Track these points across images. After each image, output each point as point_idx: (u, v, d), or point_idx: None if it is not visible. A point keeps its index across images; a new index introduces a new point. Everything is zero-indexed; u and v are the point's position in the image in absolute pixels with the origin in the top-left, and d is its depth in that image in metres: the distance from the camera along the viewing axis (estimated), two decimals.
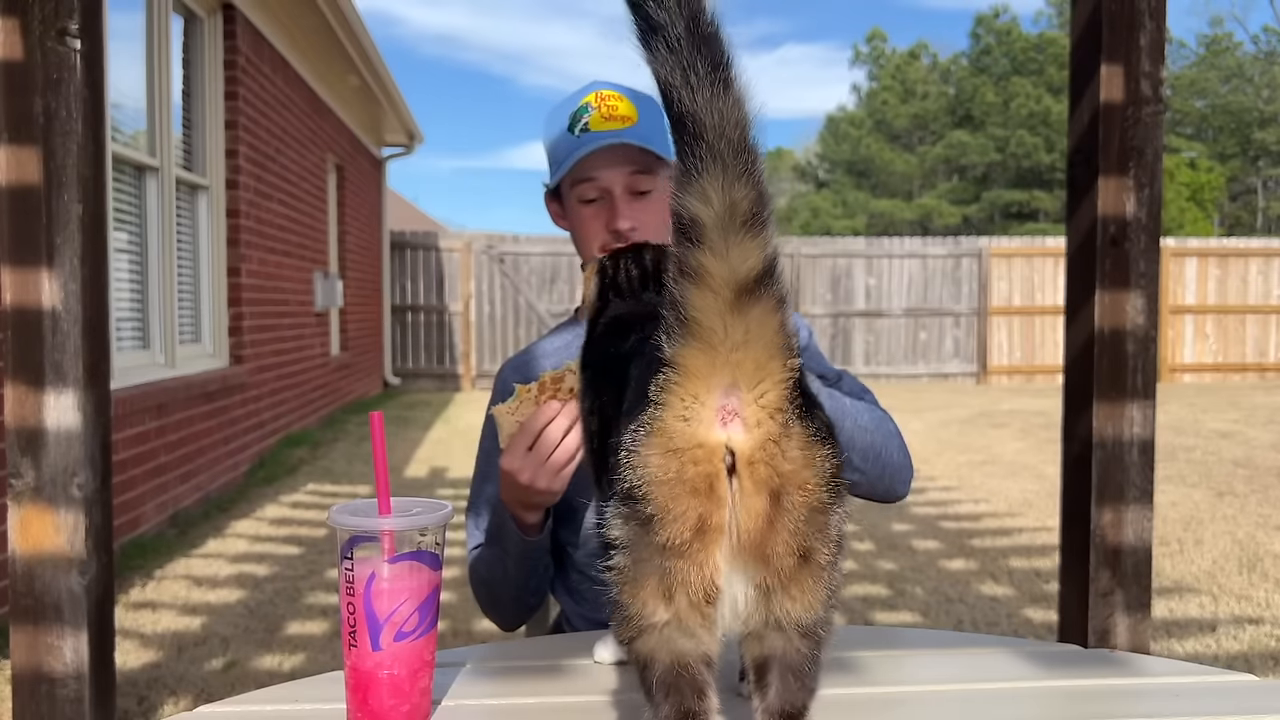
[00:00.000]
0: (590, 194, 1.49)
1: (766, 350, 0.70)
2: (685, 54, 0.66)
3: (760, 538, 0.72)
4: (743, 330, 0.69)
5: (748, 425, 0.71)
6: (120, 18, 5.33)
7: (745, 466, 0.71)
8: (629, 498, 0.74)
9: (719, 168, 0.66)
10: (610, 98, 1.48)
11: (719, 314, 0.68)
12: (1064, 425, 1.54)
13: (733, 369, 0.70)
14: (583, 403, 1.07)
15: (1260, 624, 3.78)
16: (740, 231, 0.67)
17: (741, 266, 0.67)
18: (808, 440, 0.73)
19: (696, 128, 0.66)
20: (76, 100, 1.28)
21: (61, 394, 1.27)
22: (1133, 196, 1.45)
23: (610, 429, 0.90)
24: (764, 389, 0.71)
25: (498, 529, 1.43)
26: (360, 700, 0.96)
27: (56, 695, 1.27)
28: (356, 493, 6.28)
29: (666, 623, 0.75)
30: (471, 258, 13.48)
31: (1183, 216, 27.68)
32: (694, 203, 0.67)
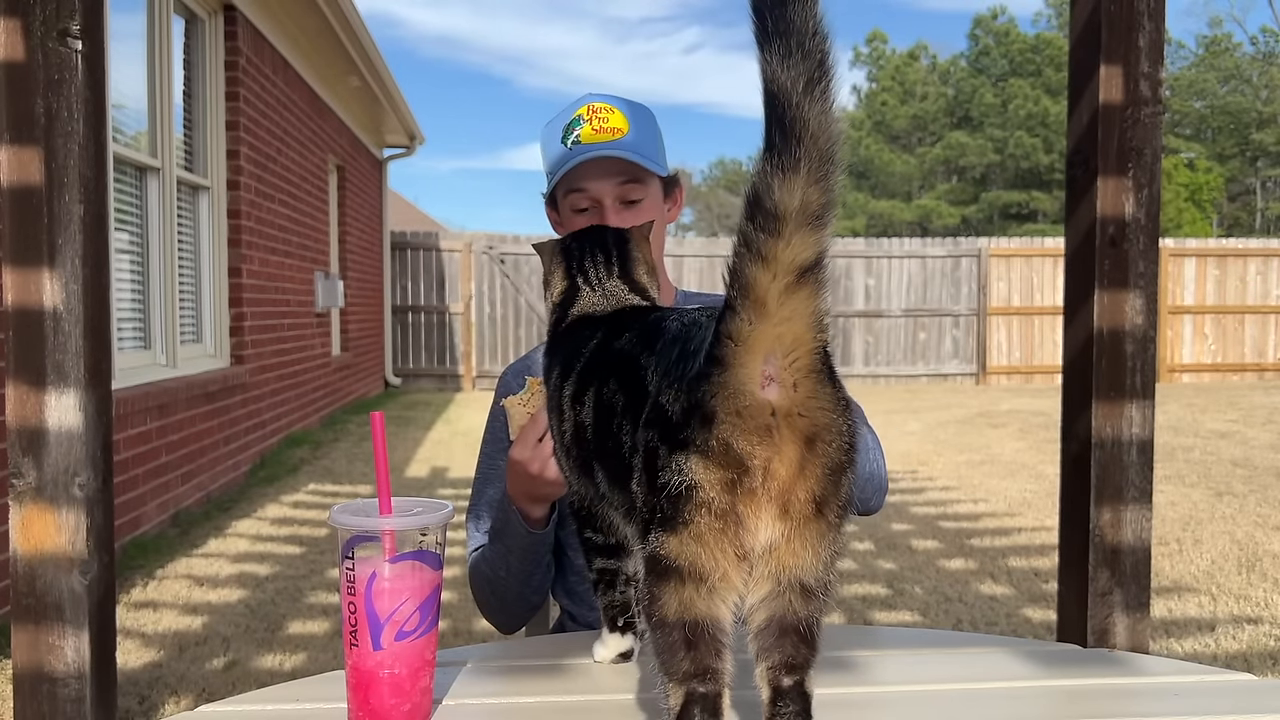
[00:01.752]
0: (582, 204, 1.54)
1: (805, 325, 0.79)
2: (808, 62, 0.71)
3: (789, 485, 0.81)
4: (790, 308, 0.77)
5: (783, 385, 0.80)
6: (121, 19, 5.33)
7: (784, 419, 0.80)
8: (697, 458, 0.81)
9: (807, 169, 0.73)
10: (602, 110, 1.53)
11: (776, 293, 0.76)
12: (1063, 425, 1.54)
13: (776, 339, 0.78)
14: (559, 392, 1.08)
15: (1259, 623, 3.79)
16: (807, 226, 0.74)
17: (800, 255, 0.75)
18: (835, 400, 0.83)
19: (800, 131, 0.72)
20: (78, 101, 1.28)
21: (63, 394, 1.28)
22: (1131, 197, 1.45)
23: (610, 416, 0.95)
24: (796, 355, 0.80)
25: (502, 525, 1.44)
26: (361, 699, 0.97)
27: (58, 695, 1.28)
28: (357, 493, 6.29)
29: (707, 580, 0.82)
30: (472, 258, 13.48)
31: (1181, 217, 27.68)
32: (781, 195, 0.73)
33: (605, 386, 0.99)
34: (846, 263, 13.99)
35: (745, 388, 0.79)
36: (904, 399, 12.19)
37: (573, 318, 1.17)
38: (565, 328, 1.17)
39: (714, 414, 0.80)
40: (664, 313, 1.06)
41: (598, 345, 1.06)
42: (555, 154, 1.54)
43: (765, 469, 0.80)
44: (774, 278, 0.76)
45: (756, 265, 0.76)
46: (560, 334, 1.17)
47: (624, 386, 0.96)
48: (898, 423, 9.66)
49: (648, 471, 0.85)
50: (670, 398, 0.85)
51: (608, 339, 1.05)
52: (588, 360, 1.05)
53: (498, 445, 1.60)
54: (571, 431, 1.05)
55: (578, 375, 1.05)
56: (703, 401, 0.80)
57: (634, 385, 0.93)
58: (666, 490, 0.82)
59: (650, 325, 1.01)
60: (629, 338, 1.01)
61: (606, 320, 1.12)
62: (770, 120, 0.73)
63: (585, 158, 1.48)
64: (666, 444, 0.83)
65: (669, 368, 0.88)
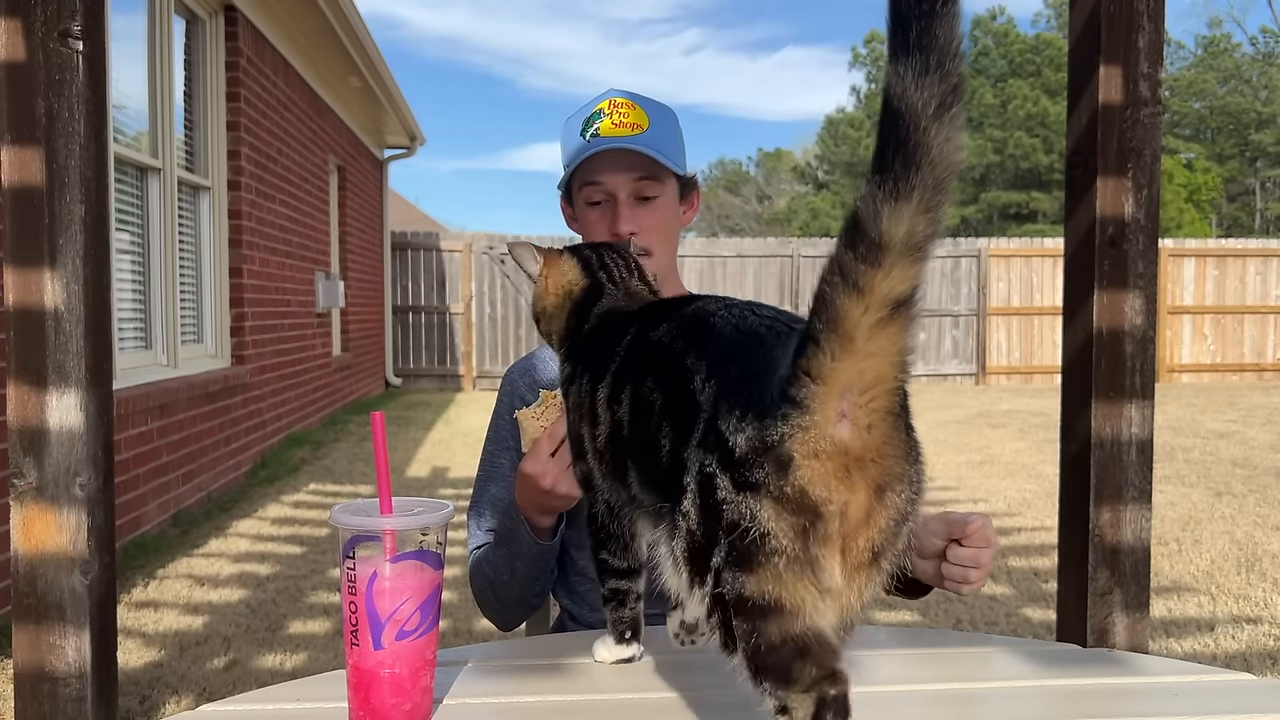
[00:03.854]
0: (596, 197, 1.52)
1: (890, 362, 0.74)
2: (944, 84, 0.66)
3: (851, 531, 0.78)
4: (878, 343, 0.72)
5: (857, 425, 0.76)
6: (122, 19, 5.33)
7: (855, 463, 0.76)
8: (770, 506, 0.77)
9: (920, 198, 0.68)
10: (623, 105, 1.52)
11: (866, 327, 0.71)
12: (1062, 425, 1.54)
13: (858, 375, 0.74)
14: (591, 396, 1.03)
15: (1258, 623, 3.79)
16: (908, 257, 0.70)
17: (898, 288, 0.70)
18: (908, 447, 0.80)
19: (921, 157, 0.67)
20: (79, 101, 1.28)
21: (64, 394, 1.28)
22: (1131, 197, 1.46)
23: (649, 415, 0.91)
24: (875, 394, 0.75)
25: (509, 532, 1.43)
26: (362, 699, 0.97)
27: (59, 694, 1.28)
28: (358, 492, 6.29)
29: (798, 612, 0.78)
30: (472, 258, 13.48)
31: (1181, 217, 27.67)
32: (889, 224, 0.68)
33: (645, 383, 0.94)
34: None
35: (825, 430, 0.75)
36: None
37: (597, 317, 1.13)
38: (591, 329, 1.12)
39: (790, 459, 0.76)
40: (706, 303, 0.99)
41: (634, 340, 1.01)
42: (573, 146, 1.53)
43: (841, 513, 0.77)
44: (866, 310, 0.71)
45: (850, 297, 0.70)
46: (585, 335, 1.12)
47: (666, 385, 0.91)
48: None
49: (704, 498, 0.81)
50: (733, 425, 0.79)
51: (645, 331, 0.99)
52: (625, 357, 0.99)
53: (501, 444, 1.60)
54: (607, 434, 0.99)
55: (614, 375, 0.99)
56: (778, 445, 0.76)
57: (679, 385, 0.88)
58: (736, 530, 0.78)
59: (694, 318, 0.96)
60: (670, 329, 0.95)
61: (640, 314, 1.06)
62: (888, 141, 0.67)
63: (602, 148, 1.47)
64: (731, 479, 0.79)
65: (729, 387, 0.82)
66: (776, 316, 0.91)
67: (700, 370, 0.87)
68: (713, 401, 0.83)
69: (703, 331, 0.92)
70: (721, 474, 0.79)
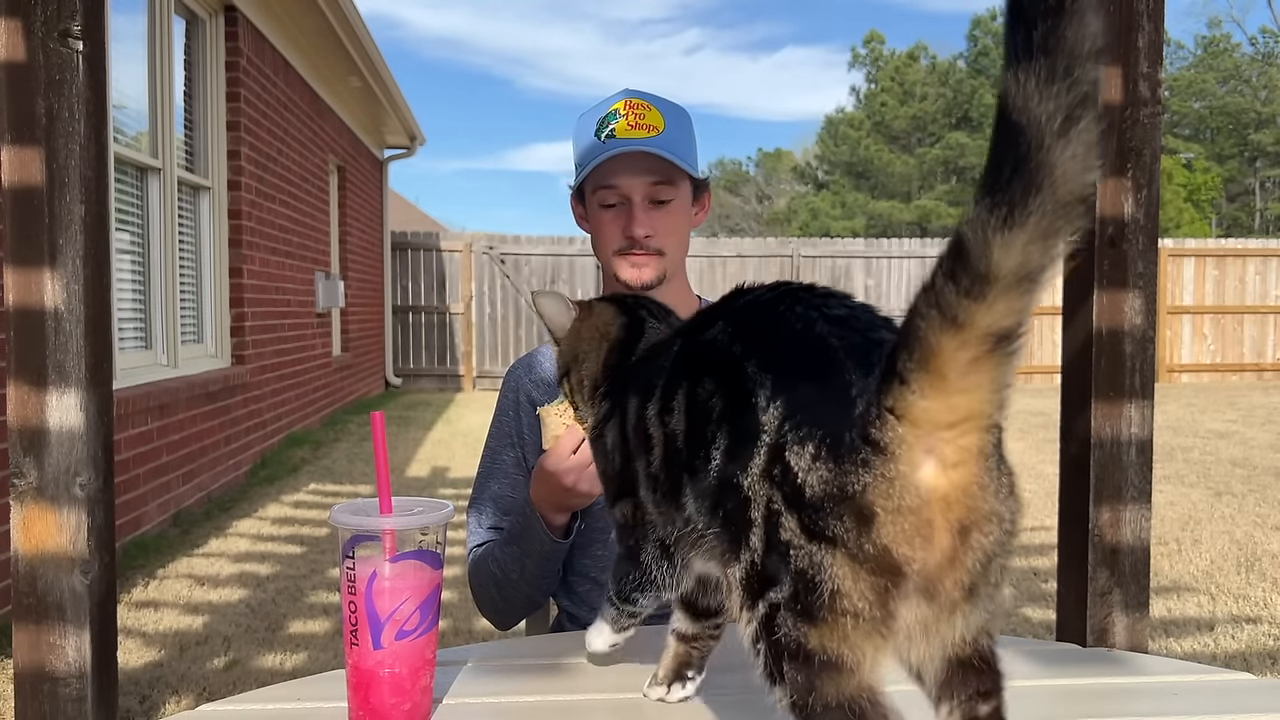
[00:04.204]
0: (610, 199, 1.51)
1: (985, 400, 0.67)
2: (1072, 94, 0.57)
3: (936, 576, 0.71)
4: (973, 380, 0.66)
5: (944, 464, 0.69)
6: (122, 19, 5.33)
7: (940, 505, 0.70)
8: (846, 564, 0.70)
9: (1037, 224, 0.60)
10: (639, 106, 1.50)
11: (961, 364, 0.65)
12: (1062, 425, 1.54)
13: (948, 412, 0.67)
14: (641, 418, 0.93)
15: (1258, 623, 3.79)
16: (1017, 289, 0.62)
17: (1002, 322, 0.63)
18: (999, 486, 0.72)
19: (1043, 178, 0.59)
20: (79, 101, 1.28)
21: (64, 394, 1.28)
22: (1131, 197, 1.46)
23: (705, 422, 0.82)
24: (967, 433, 0.69)
25: (521, 530, 1.43)
26: (362, 698, 0.97)
27: (59, 694, 1.28)
28: (358, 492, 6.29)
29: (856, 669, 0.72)
30: (472, 258, 13.48)
31: (1180, 217, 27.67)
32: (998, 253, 0.61)
33: (701, 387, 0.84)
34: (846, 263, 13.99)
35: (911, 479, 0.68)
36: None
37: (643, 350, 1.04)
38: (637, 360, 1.03)
39: (872, 513, 0.69)
40: (766, 295, 0.88)
41: (685, 345, 0.92)
42: (587, 147, 1.51)
43: (921, 569, 0.70)
44: (962, 346, 0.64)
45: (946, 332, 0.63)
46: (630, 368, 1.03)
47: (725, 391, 0.81)
48: None
49: (770, 534, 0.73)
50: (805, 462, 0.71)
51: (699, 332, 0.90)
52: (676, 362, 0.91)
53: (504, 440, 1.59)
54: (661, 453, 0.89)
55: (664, 385, 0.90)
56: (858, 495, 0.69)
57: (739, 395, 0.79)
58: (803, 580, 0.71)
59: (755, 314, 0.86)
60: (728, 328, 0.86)
61: (688, 327, 0.96)
62: (1004, 159, 0.59)
63: (619, 151, 1.46)
64: (801, 522, 0.71)
65: (799, 412, 0.74)
66: (851, 318, 0.81)
67: (764, 383, 0.78)
68: (779, 425, 0.74)
69: (766, 332, 0.83)
70: (789, 513, 0.72)
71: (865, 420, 0.69)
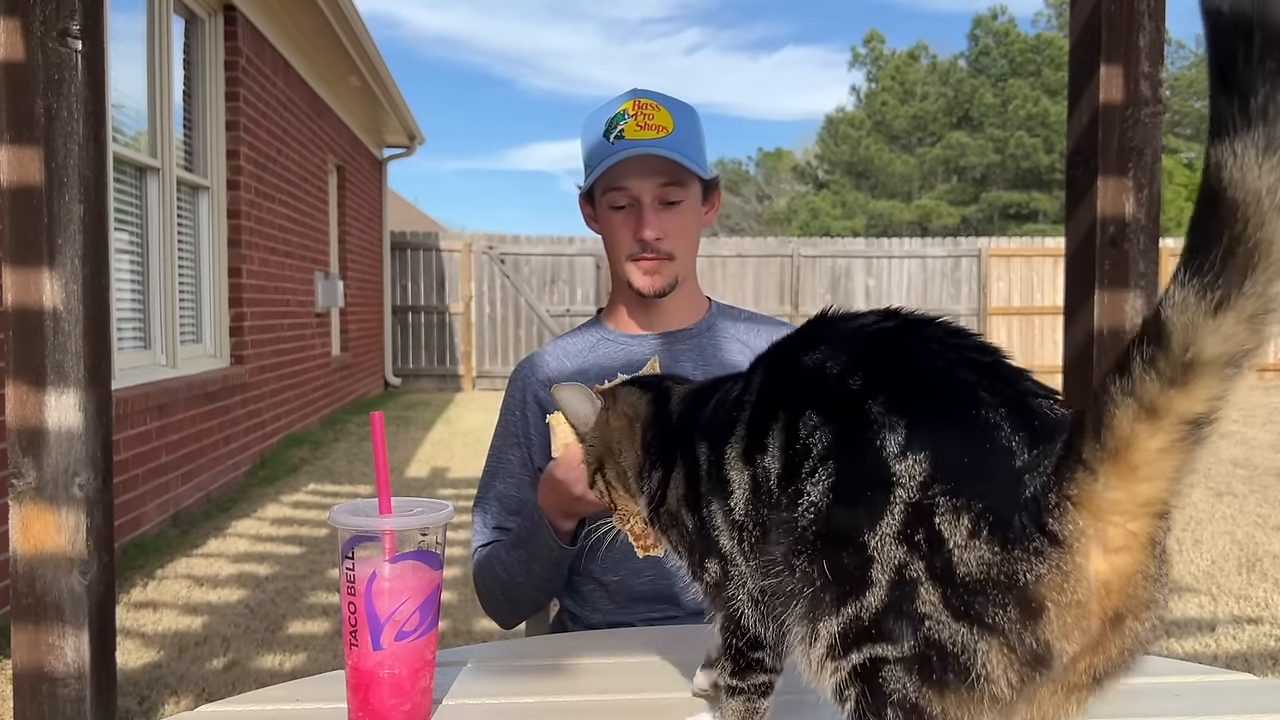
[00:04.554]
0: (620, 201, 1.51)
1: (1165, 488, 0.62)
2: None
3: (1077, 660, 0.67)
4: (1163, 467, 0.61)
5: (1108, 549, 0.65)
6: (121, 19, 5.33)
7: (1101, 590, 0.65)
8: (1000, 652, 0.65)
9: (1252, 306, 0.54)
10: (648, 106, 1.50)
11: (1153, 451, 0.60)
12: None
13: (1132, 501, 0.63)
14: (713, 464, 0.85)
15: (1259, 624, 3.79)
16: (1221, 373, 0.57)
17: (1200, 408, 0.59)
18: (1159, 575, 0.68)
19: (1259, 259, 0.53)
20: (78, 101, 1.28)
21: (63, 394, 1.28)
22: (1132, 197, 1.46)
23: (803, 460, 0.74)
24: (1140, 521, 0.64)
25: (529, 534, 1.43)
26: (361, 699, 0.97)
27: (58, 695, 1.28)
28: (357, 493, 6.28)
29: None
30: (472, 258, 13.48)
31: (1182, 217, 27.70)
32: (1203, 337, 0.56)
33: (800, 420, 0.75)
34: (846, 263, 13.99)
35: (1085, 573, 0.63)
36: None
37: (680, 406, 0.96)
38: (679, 418, 0.95)
39: (1041, 607, 0.64)
40: (878, 326, 0.78)
41: (768, 380, 0.82)
42: (597, 148, 1.51)
43: (1069, 657, 0.66)
44: (1156, 435, 0.60)
45: (1140, 420, 0.59)
46: (674, 428, 0.95)
47: (832, 423, 0.73)
48: None
49: (896, 600, 0.67)
50: (960, 535, 0.65)
51: (783, 365, 0.81)
52: (759, 399, 0.81)
53: (509, 440, 1.59)
54: (747, 496, 0.80)
55: (747, 423, 0.81)
56: (1028, 587, 0.64)
57: (853, 428, 0.71)
58: (939, 651, 0.66)
59: (875, 349, 0.76)
60: (834, 358, 0.76)
61: (768, 359, 0.86)
62: (1214, 237, 0.54)
63: (629, 154, 1.45)
64: (947, 598, 0.66)
65: (950, 469, 0.67)
66: (995, 366, 0.73)
67: (895, 427, 0.70)
68: (923, 482, 0.67)
69: (893, 368, 0.74)
70: (932, 585, 0.66)
71: (1042, 507, 0.64)
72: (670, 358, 1.57)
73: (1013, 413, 0.69)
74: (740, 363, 1.59)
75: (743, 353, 1.60)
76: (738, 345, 1.61)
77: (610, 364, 1.57)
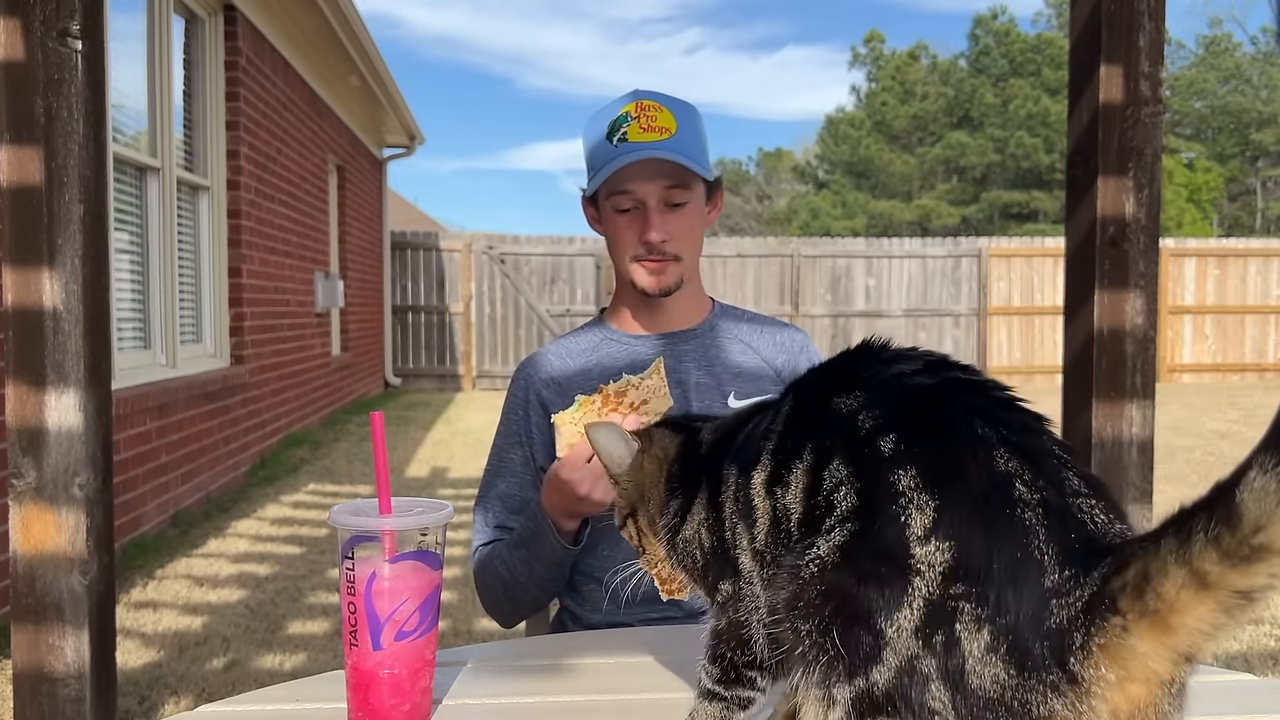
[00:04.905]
0: (625, 204, 1.51)
1: (1203, 645, 0.61)
2: None
3: None
4: (1202, 629, 0.60)
5: (1128, 681, 0.63)
6: (121, 19, 5.33)
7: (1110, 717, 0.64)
8: None
9: None
10: (650, 108, 1.50)
11: (1195, 615, 0.59)
12: (1063, 425, 1.54)
13: (1163, 656, 0.62)
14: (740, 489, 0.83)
15: (1259, 623, 3.79)
16: None
17: (1255, 583, 0.57)
18: (1172, 713, 0.65)
19: None
20: (78, 101, 1.28)
21: (63, 394, 1.28)
22: (1132, 197, 1.46)
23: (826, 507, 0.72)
24: (1162, 660, 0.62)
25: (532, 534, 1.42)
26: (361, 699, 0.97)
27: (58, 695, 1.28)
28: (357, 492, 6.28)
29: None
30: (472, 258, 13.49)
31: (1181, 217, 27.70)
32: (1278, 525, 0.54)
33: (826, 468, 0.72)
34: (847, 263, 14.00)
35: (1100, 712, 0.62)
36: None
37: (707, 441, 0.94)
38: (706, 452, 0.93)
39: None
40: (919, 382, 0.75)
41: (803, 412, 0.80)
42: (600, 151, 1.51)
43: None
44: (1203, 603, 0.58)
45: (1187, 587, 0.58)
46: (699, 462, 0.93)
47: (858, 481, 0.70)
48: None
49: (906, 688, 0.66)
50: (977, 647, 0.63)
51: (820, 398, 0.78)
52: (790, 431, 0.79)
53: (512, 439, 1.59)
54: (768, 530, 0.79)
55: (773, 451, 0.79)
56: (1038, 718, 0.62)
57: (880, 495, 0.68)
58: None
59: (914, 407, 0.73)
60: (871, 408, 0.73)
61: (807, 385, 0.83)
62: None
63: (633, 159, 1.45)
64: (953, 701, 0.64)
65: (974, 572, 0.64)
66: (1037, 457, 0.69)
67: (923, 505, 0.67)
68: (944, 576, 0.65)
69: (930, 435, 0.70)
70: (942, 685, 0.65)
71: (1066, 644, 0.62)
72: (674, 358, 1.57)
73: (1050, 518, 0.66)
74: (743, 364, 1.59)
75: (745, 353, 1.60)
76: (740, 346, 1.61)
77: (614, 364, 1.57)
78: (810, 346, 1.65)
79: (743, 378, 1.58)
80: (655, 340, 1.59)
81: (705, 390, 1.55)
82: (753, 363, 1.60)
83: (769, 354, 1.61)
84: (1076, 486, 0.68)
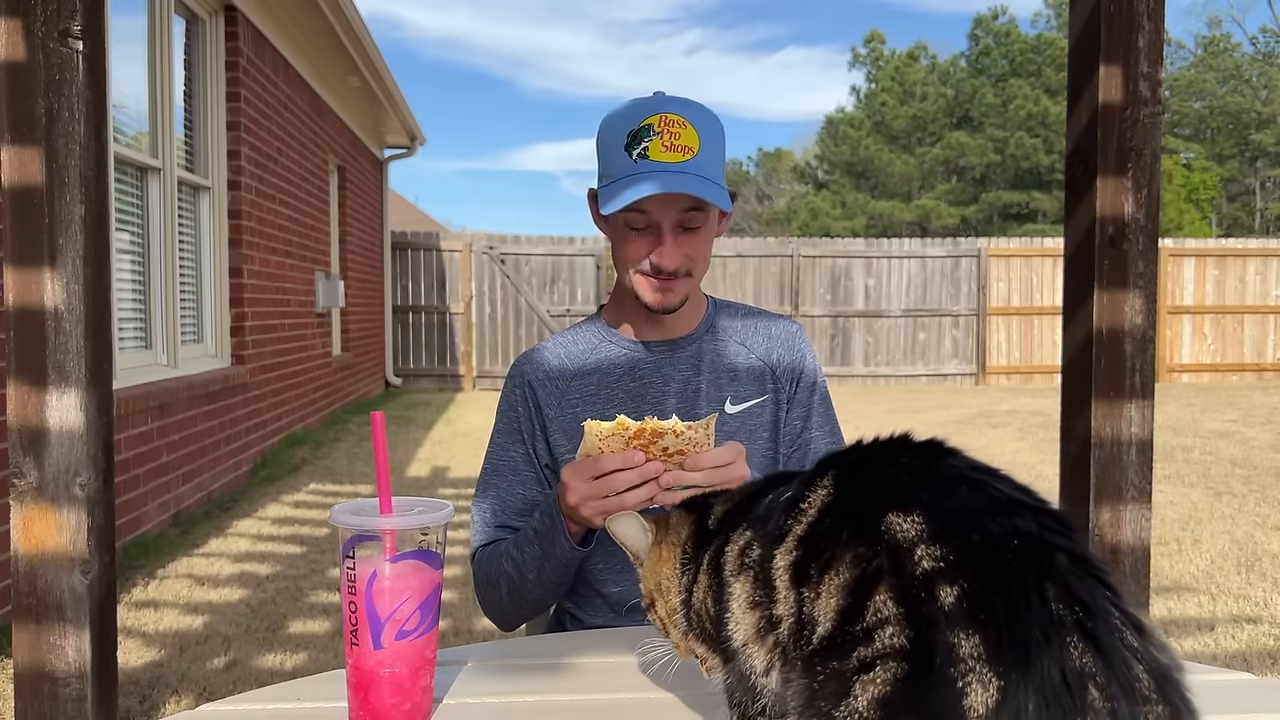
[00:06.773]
0: (639, 223, 1.48)
1: None
2: None
3: None
4: None
5: None
6: (122, 19, 5.33)
7: None
8: None
9: None
10: (675, 123, 1.45)
11: None
12: (1062, 425, 1.54)
13: None
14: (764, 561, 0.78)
15: (1258, 623, 3.79)
16: None
17: None
18: None
19: None
20: (79, 101, 1.28)
21: (64, 394, 1.28)
22: (1131, 197, 1.46)
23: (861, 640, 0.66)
24: None
25: (547, 529, 1.40)
26: (362, 699, 0.97)
27: (59, 694, 1.28)
28: (358, 492, 6.29)
29: None
30: (472, 258, 13.49)
31: (1181, 217, 27.69)
32: None
33: (874, 600, 0.66)
34: (846, 263, 13.99)
35: None
36: (903, 399, 12.19)
37: (719, 517, 0.92)
38: (717, 525, 0.91)
39: None
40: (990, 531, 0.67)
41: (844, 508, 0.73)
42: (618, 163, 1.46)
43: None
44: None
45: None
46: (709, 535, 0.91)
47: (901, 608, 0.65)
48: (897, 423, 9.65)
49: None
50: None
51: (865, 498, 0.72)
52: (823, 523, 0.74)
53: (513, 436, 1.58)
54: (792, 625, 0.73)
55: (802, 538, 0.74)
56: None
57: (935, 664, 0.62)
58: None
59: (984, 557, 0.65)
60: (929, 535, 0.67)
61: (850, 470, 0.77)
62: None
63: (653, 192, 1.41)
64: None
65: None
66: (1111, 652, 0.63)
67: (988, 685, 0.61)
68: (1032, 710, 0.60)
69: (997, 600, 0.64)
70: None
71: None
72: (671, 365, 1.57)
73: None
74: (740, 365, 1.59)
75: (742, 354, 1.60)
76: (736, 346, 1.60)
77: (612, 368, 1.56)
78: (802, 336, 1.65)
79: (740, 380, 1.58)
80: (655, 348, 1.58)
81: (703, 396, 1.55)
82: (750, 362, 1.60)
83: (765, 350, 1.61)
84: (1147, 692, 0.63)
